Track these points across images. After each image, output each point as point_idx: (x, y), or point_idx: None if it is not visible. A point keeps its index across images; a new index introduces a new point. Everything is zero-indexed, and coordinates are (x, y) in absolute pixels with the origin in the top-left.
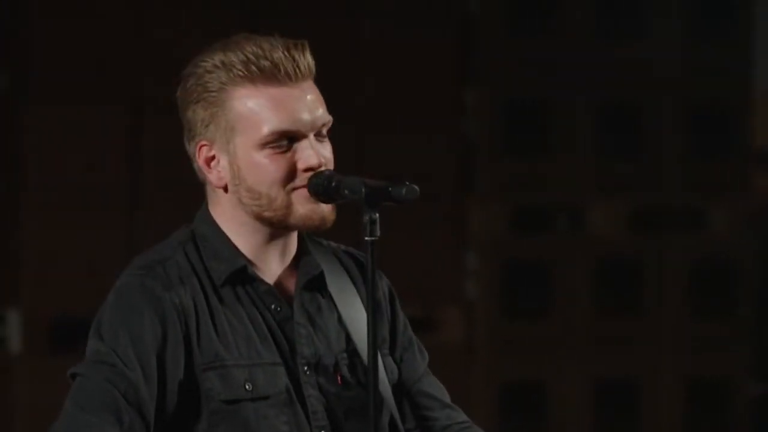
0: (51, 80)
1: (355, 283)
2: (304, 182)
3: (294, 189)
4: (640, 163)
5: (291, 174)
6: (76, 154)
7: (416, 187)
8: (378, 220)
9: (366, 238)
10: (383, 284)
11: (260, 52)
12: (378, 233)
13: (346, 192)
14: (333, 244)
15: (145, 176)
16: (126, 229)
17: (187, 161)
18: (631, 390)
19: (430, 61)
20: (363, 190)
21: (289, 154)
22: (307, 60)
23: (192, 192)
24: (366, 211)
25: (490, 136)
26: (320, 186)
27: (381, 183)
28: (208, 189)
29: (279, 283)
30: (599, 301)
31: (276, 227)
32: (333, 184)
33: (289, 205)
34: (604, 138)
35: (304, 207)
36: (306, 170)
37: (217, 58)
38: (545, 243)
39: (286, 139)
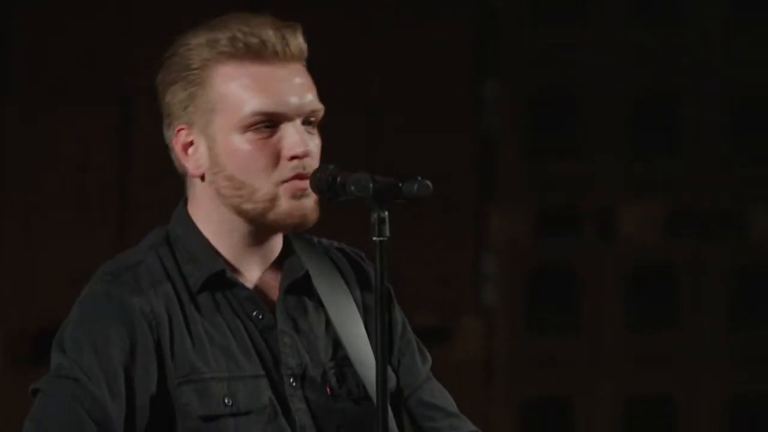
0: (33, 76)
1: (348, 284)
2: (291, 173)
3: (282, 182)
4: (676, 163)
5: (274, 162)
6: (59, 153)
7: (429, 183)
8: (387, 219)
9: (374, 239)
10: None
11: (248, 29)
12: (387, 233)
13: (353, 188)
14: (325, 241)
15: (135, 176)
16: (114, 233)
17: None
18: (667, 409)
19: (445, 51)
20: (371, 186)
21: (272, 141)
22: (298, 41)
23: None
24: (374, 209)
25: (512, 133)
26: (324, 182)
27: (390, 179)
28: (188, 183)
29: (261, 288)
30: (632, 313)
31: (253, 222)
32: (338, 180)
33: (273, 199)
34: (637, 135)
35: (288, 203)
36: (291, 159)
37: (202, 36)
38: (572, 249)
39: (269, 123)
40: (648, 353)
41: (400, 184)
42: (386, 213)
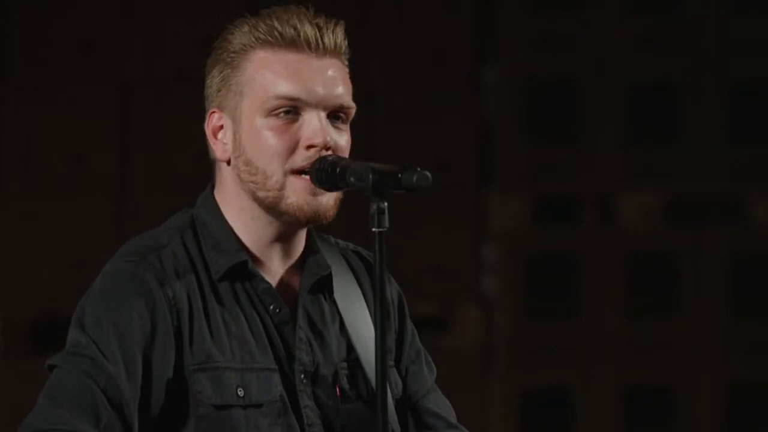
0: (32, 63)
1: (361, 287)
2: (304, 163)
3: (292, 171)
4: (675, 150)
5: (290, 150)
6: (58, 140)
7: (428, 173)
8: (387, 210)
9: (373, 230)
10: (392, 290)
11: (287, 18)
12: (387, 224)
13: (352, 179)
14: (341, 242)
15: (134, 163)
16: (113, 221)
17: (180, 146)
18: (667, 398)
19: (445, 37)
20: (370, 176)
21: (293, 128)
22: (335, 36)
23: (185, 180)
24: (374, 200)
25: (511, 120)
26: (323, 172)
27: (390, 169)
28: (216, 168)
29: (281, 283)
30: (631, 300)
31: (270, 212)
32: (337, 170)
33: (281, 188)
34: (637, 121)
35: (297, 196)
36: (309, 147)
37: (247, 23)
38: (571, 236)
39: (292, 110)
40: (648, 340)
41: (400, 175)
42: (385, 204)
